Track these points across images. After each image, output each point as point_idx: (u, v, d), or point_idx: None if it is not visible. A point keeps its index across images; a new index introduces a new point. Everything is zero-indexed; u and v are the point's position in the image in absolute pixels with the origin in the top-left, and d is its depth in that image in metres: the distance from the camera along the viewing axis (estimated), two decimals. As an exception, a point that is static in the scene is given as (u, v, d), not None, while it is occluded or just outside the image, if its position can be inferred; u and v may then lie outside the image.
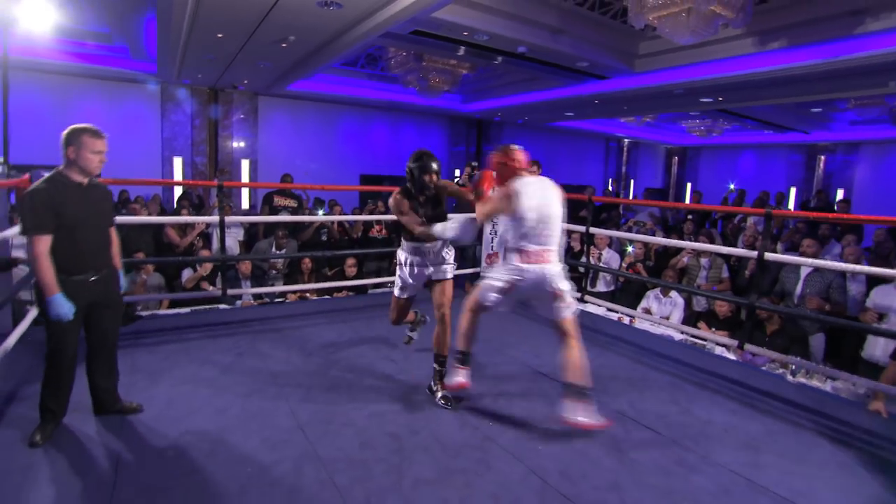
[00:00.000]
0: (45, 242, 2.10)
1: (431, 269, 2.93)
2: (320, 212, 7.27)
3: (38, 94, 8.29)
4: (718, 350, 3.95)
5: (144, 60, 8.00)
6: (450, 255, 2.98)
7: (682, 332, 4.26)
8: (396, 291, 3.07)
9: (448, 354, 2.86)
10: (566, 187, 2.89)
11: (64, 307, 2.12)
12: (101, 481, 2.02)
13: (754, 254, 3.49)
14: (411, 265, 2.94)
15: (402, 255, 2.98)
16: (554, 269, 2.51)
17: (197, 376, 2.99)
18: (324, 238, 6.41)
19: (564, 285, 2.53)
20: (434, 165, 2.83)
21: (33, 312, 3.35)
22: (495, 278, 2.56)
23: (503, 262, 2.59)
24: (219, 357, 3.28)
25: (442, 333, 2.85)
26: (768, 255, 3.41)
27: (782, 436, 2.61)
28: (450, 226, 2.79)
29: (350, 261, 5.43)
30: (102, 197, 2.41)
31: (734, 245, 6.17)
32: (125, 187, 7.40)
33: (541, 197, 2.49)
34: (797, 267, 4.28)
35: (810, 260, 3.73)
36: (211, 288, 4.76)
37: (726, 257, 5.26)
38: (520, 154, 2.60)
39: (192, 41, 6.20)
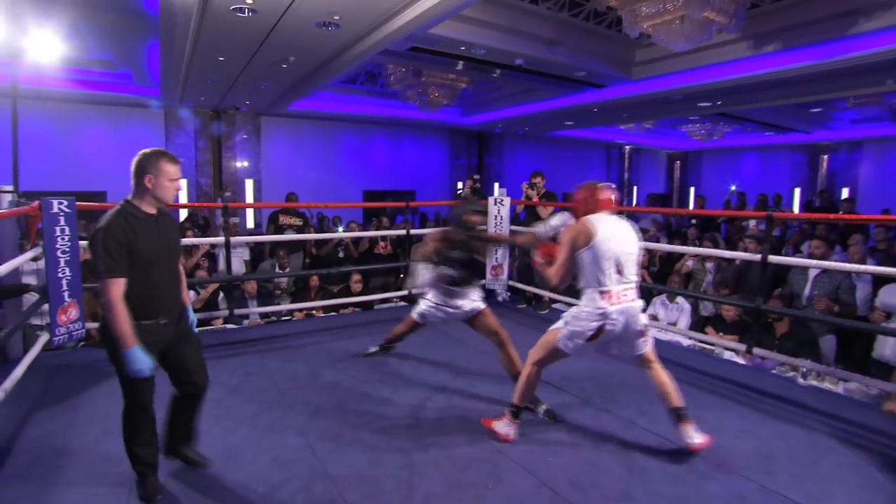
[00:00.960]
0: (119, 286, 1.87)
1: (456, 308, 3.14)
2: (340, 228, 7.36)
3: (44, 122, 8.44)
4: (727, 355, 3.92)
5: (148, 85, 8.14)
6: (476, 293, 3.19)
7: (690, 338, 4.24)
8: (415, 316, 3.34)
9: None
10: (569, 196, 2.89)
11: (143, 362, 1.86)
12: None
13: (758, 257, 3.48)
14: (437, 302, 3.20)
15: (430, 292, 3.25)
16: (638, 305, 2.39)
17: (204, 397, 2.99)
18: (340, 255, 6.48)
19: (645, 320, 2.43)
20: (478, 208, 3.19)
21: (44, 338, 3.39)
22: (578, 324, 2.34)
23: (584, 305, 2.35)
24: (226, 377, 3.29)
25: (507, 355, 3.03)
26: (772, 258, 3.40)
27: (794, 440, 2.59)
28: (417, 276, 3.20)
29: (355, 277, 5.46)
30: (171, 227, 2.14)
31: (737, 248, 6.14)
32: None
33: (617, 233, 2.35)
34: (805, 269, 4.26)
35: (814, 262, 3.71)
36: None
37: (731, 261, 5.23)
38: (607, 192, 2.44)
39: (194, 65, 6.31)
